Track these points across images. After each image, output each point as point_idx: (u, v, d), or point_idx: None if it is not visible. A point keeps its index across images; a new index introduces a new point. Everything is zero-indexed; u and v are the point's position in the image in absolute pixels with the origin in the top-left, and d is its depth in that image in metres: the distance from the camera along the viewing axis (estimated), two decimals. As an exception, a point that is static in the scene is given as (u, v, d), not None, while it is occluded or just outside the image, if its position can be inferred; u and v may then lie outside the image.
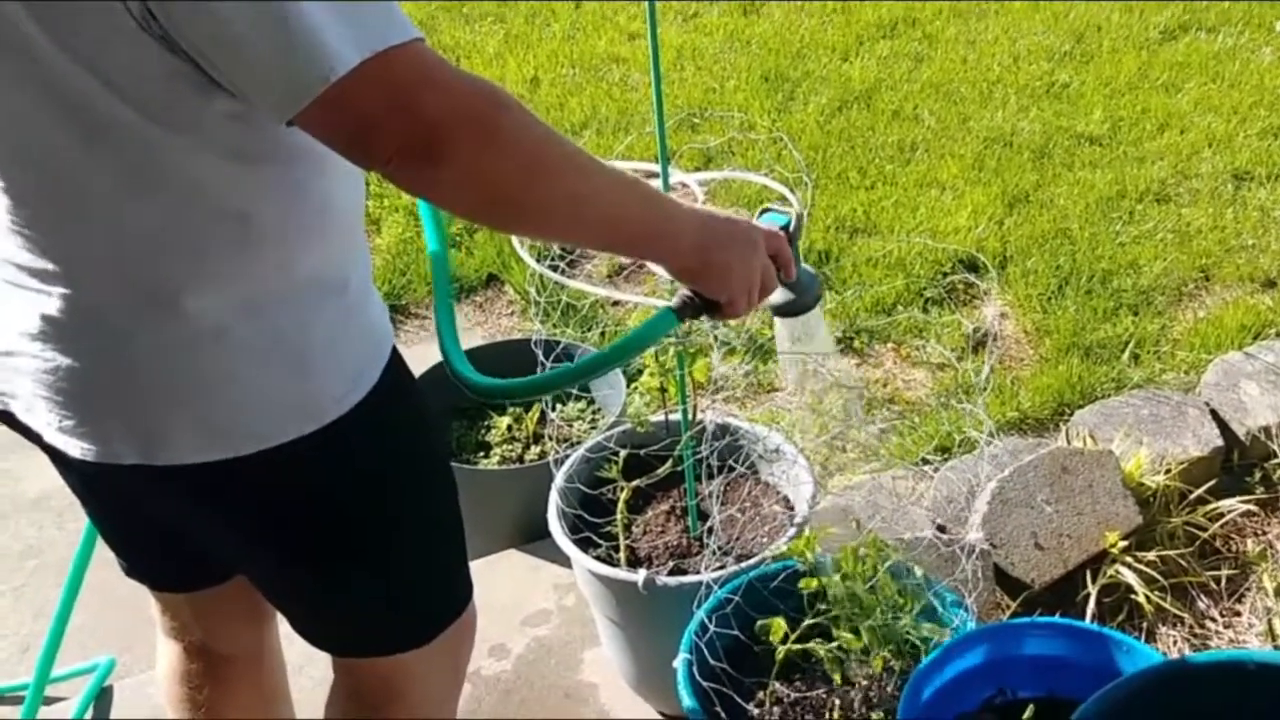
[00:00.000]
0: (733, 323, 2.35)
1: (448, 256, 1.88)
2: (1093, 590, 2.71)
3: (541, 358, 2.50)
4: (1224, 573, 2.81)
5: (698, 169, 4.57)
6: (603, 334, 3.57)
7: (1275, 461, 2.98)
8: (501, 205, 1.32)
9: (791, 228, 1.72)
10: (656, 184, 2.27)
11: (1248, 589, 2.80)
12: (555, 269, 2.29)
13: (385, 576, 1.71)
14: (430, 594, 1.82)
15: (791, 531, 2.42)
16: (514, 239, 2.26)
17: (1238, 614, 2.77)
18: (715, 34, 6.00)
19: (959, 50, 5.69)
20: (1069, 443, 3.13)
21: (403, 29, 1.20)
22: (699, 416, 2.56)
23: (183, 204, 1.33)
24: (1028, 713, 1.95)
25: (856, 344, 3.77)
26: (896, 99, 5.25)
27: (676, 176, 2.39)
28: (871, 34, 5.90)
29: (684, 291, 1.61)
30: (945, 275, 4.00)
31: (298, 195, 1.39)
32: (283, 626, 1.91)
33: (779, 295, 1.76)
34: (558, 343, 2.76)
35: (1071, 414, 3.30)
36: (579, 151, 1.37)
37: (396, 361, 1.63)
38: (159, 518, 1.68)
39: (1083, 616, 2.67)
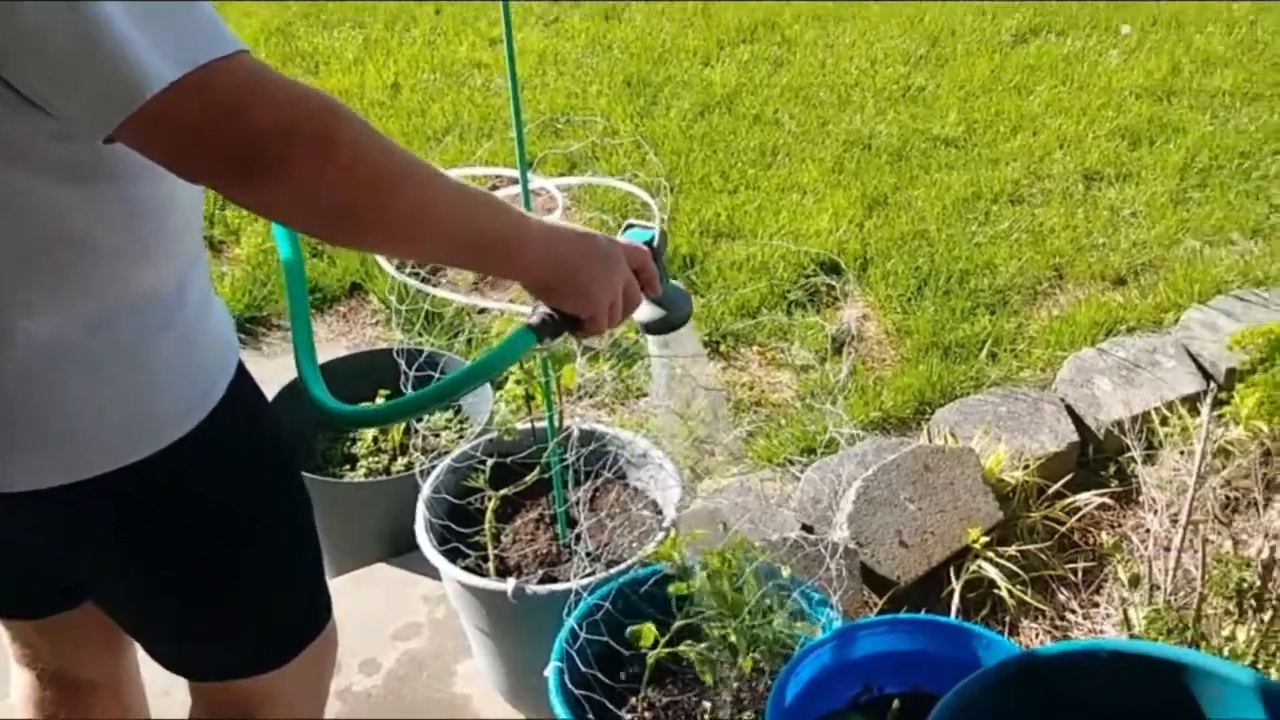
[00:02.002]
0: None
1: (304, 274, 1.83)
2: (957, 586, 2.76)
3: (404, 367, 2.47)
4: (1081, 565, 2.88)
5: (561, 174, 4.56)
6: (469, 341, 3.55)
7: (1128, 455, 3.05)
8: (342, 219, 1.27)
9: (655, 243, 1.67)
10: (517, 189, 2.25)
11: (1104, 580, 2.87)
12: (417, 276, 2.27)
13: (238, 598, 1.67)
14: (286, 614, 1.78)
15: (660, 536, 2.43)
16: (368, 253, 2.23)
17: (1096, 605, 2.84)
18: (577, 39, 6.01)
19: (817, 54, 5.77)
20: (930, 441, 3.18)
21: (224, 42, 1.15)
22: (566, 423, 2.55)
23: (13, 227, 1.29)
24: (893, 708, 1.98)
25: (722, 348, 3.80)
26: (757, 103, 5.30)
27: (537, 182, 2.39)
28: (732, 38, 5.95)
29: (543, 308, 1.55)
30: (808, 278, 4.04)
31: (133, 211, 1.35)
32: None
33: (648, 312, 1.72)
34: (420, 351, 2.73)
35: (933, 412, 3.36)
36: (421, 163, 1.33)
37: (242, 377, 1.60)
38: (2, 543, 1.63)
39: (948, 612, 2.71)
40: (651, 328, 1.76)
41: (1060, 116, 5.14)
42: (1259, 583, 2.43)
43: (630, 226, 1.71)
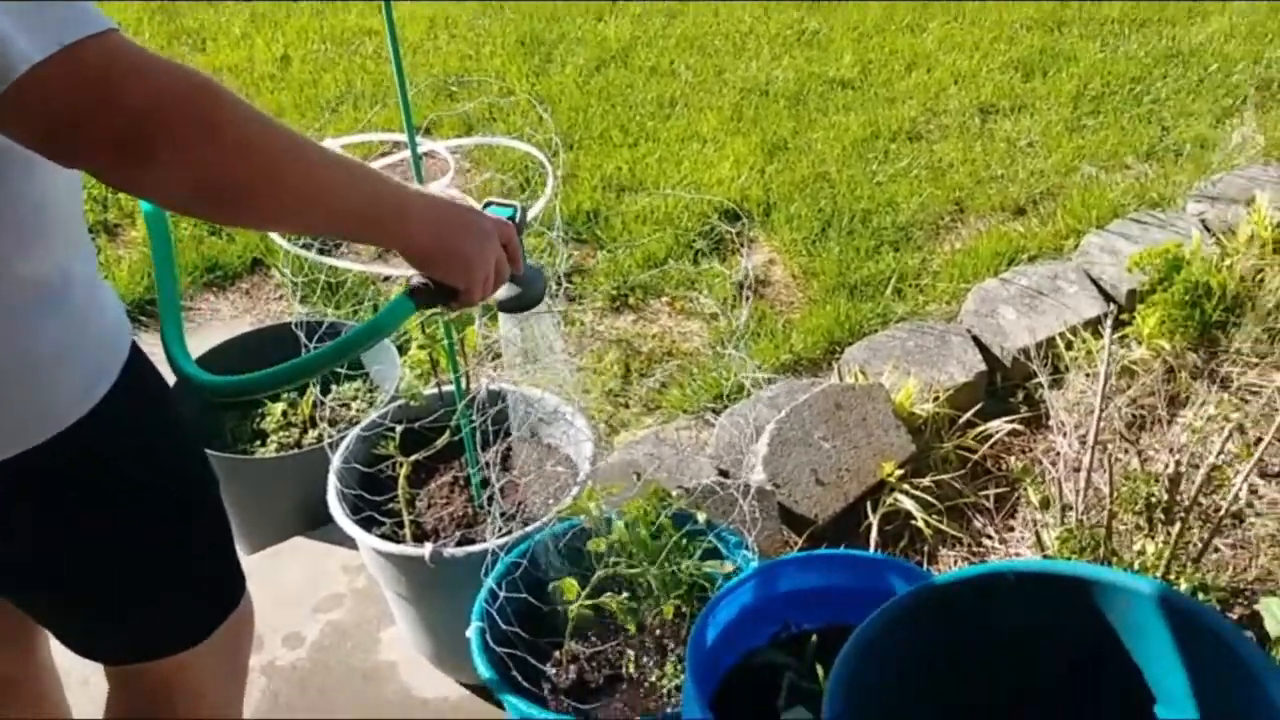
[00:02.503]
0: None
1: (168, 228, 1.79)
2: (874, 520, 2.78)
3: (304, 339, 2.44)
4: (994, 491, 2.92)
5: (458, 137, 4.52)
6: (375, 308, 3.51)
7: (1035, 381, 3.09)
8: (219, 196, 1.25)
9: (517, 219, 1.68)
10: (407, 154, 2.23)
11: (1018, 504, 2.91)
12: (312, 248, 2.24)
13: (147, 579, 1.65)
14: (198, 592, 1.76)
15: (575, 490, 2.42)
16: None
17: (1011, 529, 2.88)
18: (467, 2, 5.94)
19: (710, 3, 5.76)
20: (841, 379, 3.20)
21: (92, 20, 1.12)
22: (473, 385, 2.53)
23: None
24: (812, 642, 1.99)
25: (631, 300, 3.79)
26: (653, 55, 5.29)
27: (427, 145, 2.36)
28: (624, -8, 5.92)
29: (419, 278, 1.57)
30: (712, 226, 4.04)
31: (8, 197, 1.32)
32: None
33: (504, 291, 1.72)
34: (320, 323, 2.69)
35: (842, 351, 3.38)
36: (300, 136, 1.31)
37: (136, 358, 1.57)
38: None
39: (867, 546, 2.74)
40: (507, 306, 1.76)
41: (954, 52, 5.18)
42: (1166, 496, 2.48)
43: (490, 204, 1.70)
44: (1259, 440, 2.55)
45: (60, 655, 1.93)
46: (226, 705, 1.91)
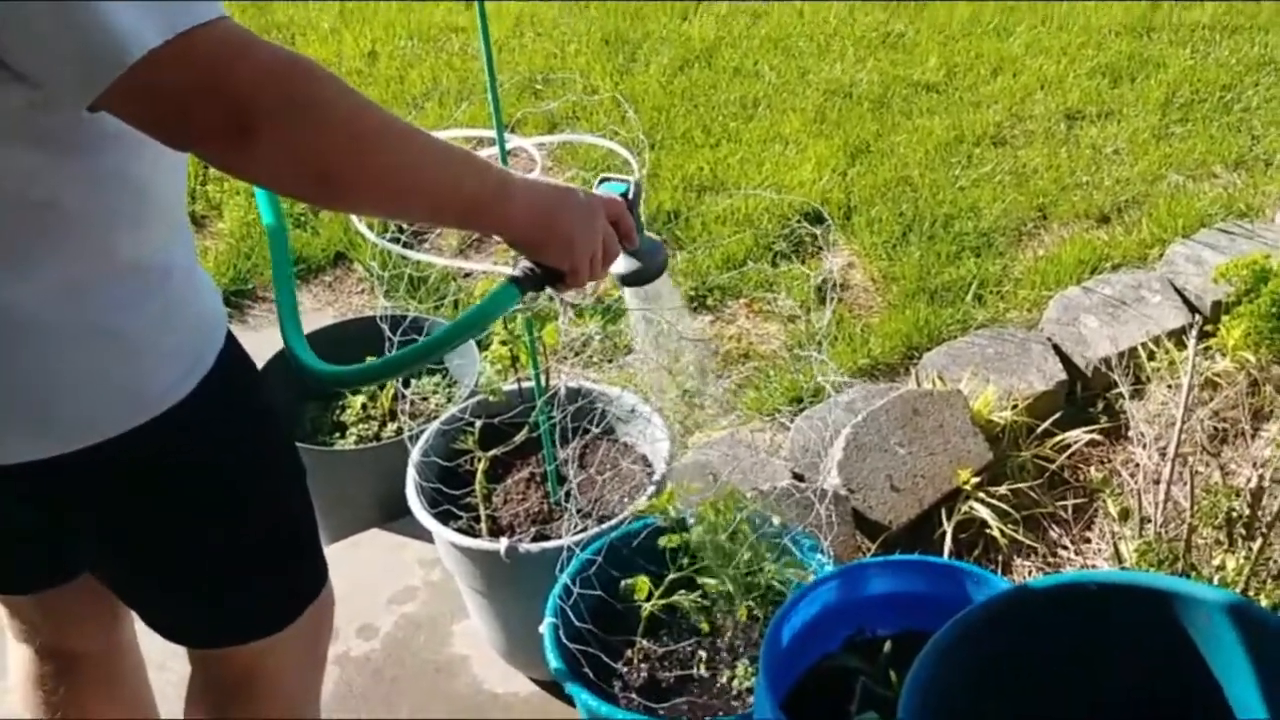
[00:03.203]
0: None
1: (287, 239, 1.83)
2: (948, 527, 2.77)
3: (388, 333, 2.47)
4: (1071, 502, 2.89)
5: (543, 134, 4.55)
6: (455, 304, 3.55)
7: (1116, 391, 3.06)
8: (324, 179, 1.28)
9: (630, 194, 1.69)
10: (494, 150, 2.25)
11: (1095, 515, 2.88)
12: (399, 242, 2.27)
13: (235, 565, 1.68)
14: (284, 579, 1.80)
15: (650, 490, 2.43)
16: (353, 215, 2.22)
17: (1088, 540, 2.86)
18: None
19: (795, 4, 5.75)
20: (919, 385, 3.19)
21: (206, 8, 1.17)
22: (553, 382, 2.56)
23: None
24: (886, 649, 1.99)
25: (709, 301, 3.79)
26: (737, 56, 5.28)
27: (514, 142, 2.38)
28: (709, -8, 5.92)
29: (525, 263, 1.57)
30: (792, 228, 4.04)
31: (112, 182, 1.35)
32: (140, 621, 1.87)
33: (624, 264, 1.73)
34: (404, 317, 2.73)
35: (920, 357, 3.37)
36: (400, 120, 1.34)
37: (232, 347, 1.60)
38: None
39: (940, 554, 2.73)
40: (628, 280, 1.77)
41: (1040, 57, 5.12)
42: (1248, 511, 2.45)
43: (605, 180, 1.71)
44: (1345, 457, 2.51)
45: (143, 637, 1.98)
46: (304, 694, 1.94)
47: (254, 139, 1.19)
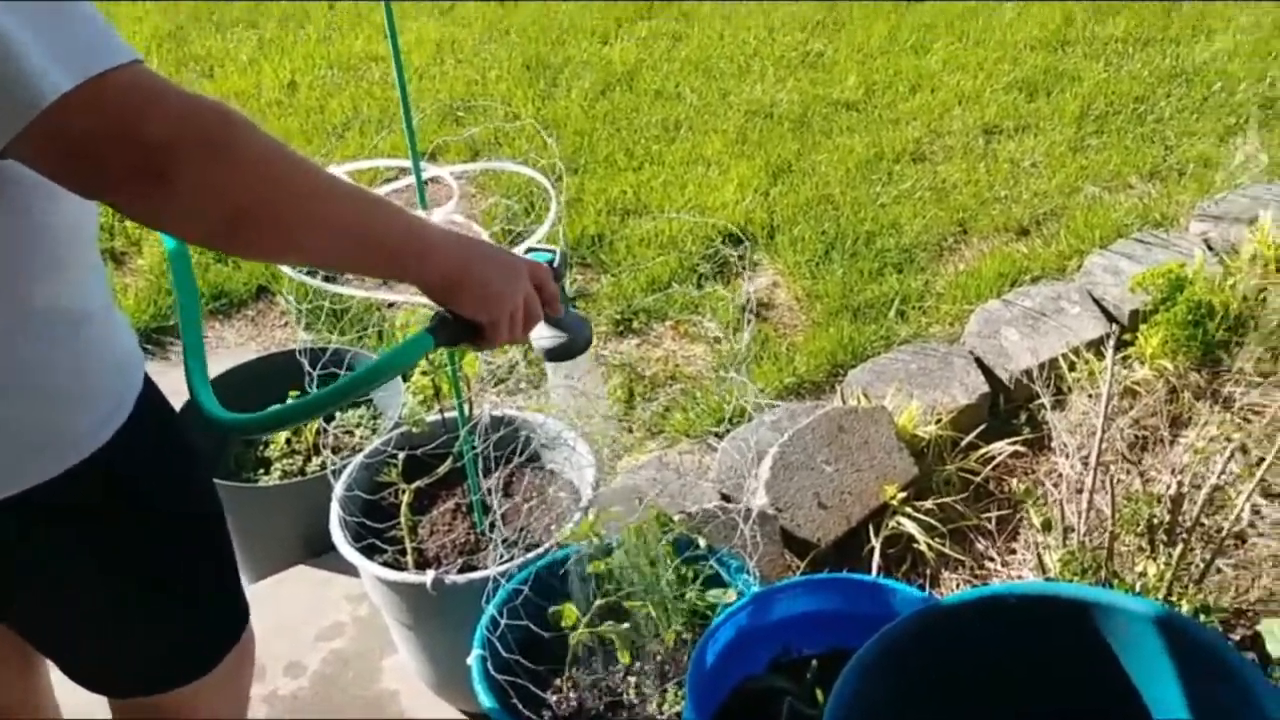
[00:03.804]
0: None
1: (196, 294, 1.80)
2: (876, 543, 2.79)
3: (308, 367, 2.45)
4: (996, 513, 2.91)
5: (464, 162, 4.55)
6: (379, 335, 3.53)
7: (1038, 402, 3.09)
8: (239, 225, 1.24)
9: (555, 263, 1.66)
10: (411, 179, 2.24)
11: (1020, 526, 2.91)
12: (314, 274, 2.25)
13: (158, 609, 1.66)
14: (205, 622, 1.77)
15: (577, 516, 2.43)
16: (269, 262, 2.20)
17: (1013, 551, 2.88)
18: (473, 25, 5.99)
19: (715, 26, 5.79)
20: (844, 402, 3.21)
21: (118, 51, 1.14)
22: (476, 410, 2.54)
23: None
24: (812, 667, 2.00)
25: (635, 324, 3.80)
26: (658, 79, 5.31)
27: (432, 170, 2.37)
28: (629, 15, 5.95)
29: (442, 312, 1.53)
30: (716, 249, 4.06)
31: (26, 229, 1.32)
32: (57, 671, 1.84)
33: (550, 339, 1.70)
34: (324, 350, 2.71)
35: (845, 374, 3.38)
36: (315, 165, 1.32)
37: (150, 390, 1.58)
38: None
39: (868, 570, 2.74)
40: (553, 354, 1.73)
41: (958, 73, 5.19)
42: (1168, 518, 2.48)
43: (531, 250, 1.69)
44: (1261, 460, 2.54)
45: (61, 688, 1.94)
46: None
47: (169, 185, 1.16)
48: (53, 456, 1.43)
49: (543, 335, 1.68)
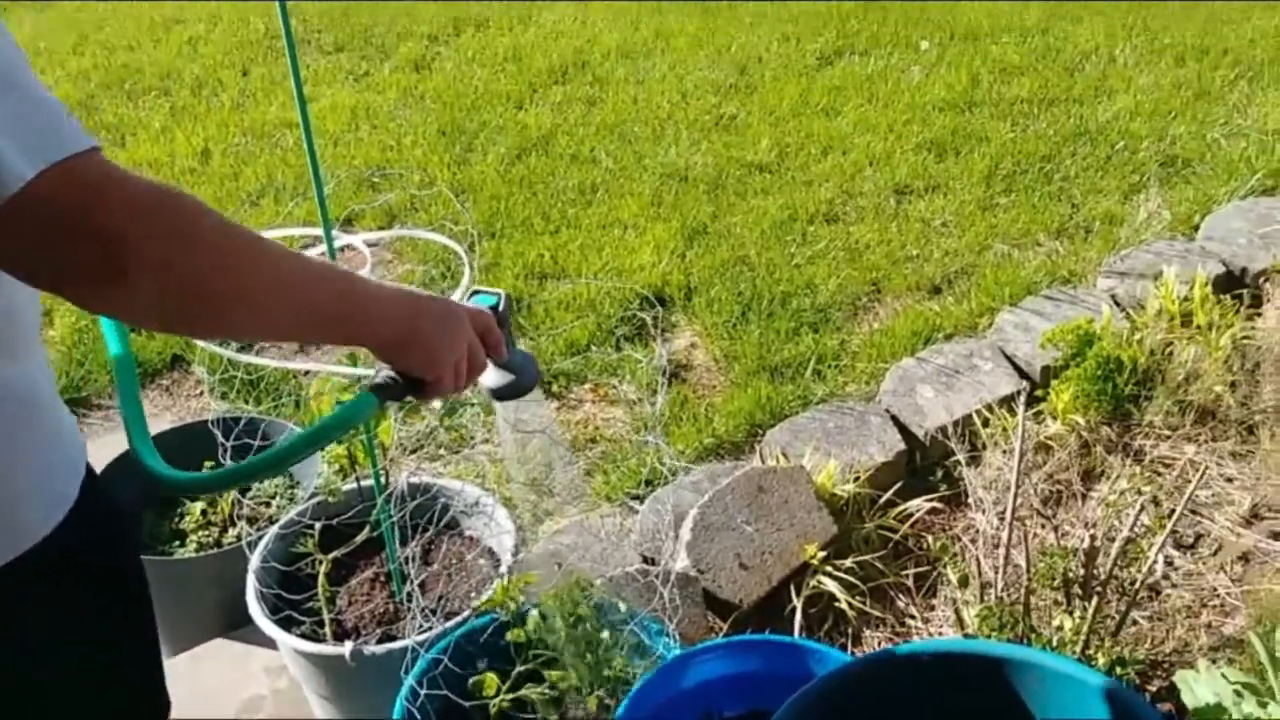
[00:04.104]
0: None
1: (131, 355, 1.78)
2: (798, 603, 2.79)
3: (220, 437, 2.43)
4: (914, 570, 2.93)
5: (380, 228, 4.54)
6: (297, 403, 3.50)
7: (953, 459, 3.13)
8: (198, 307, 1.23)
9: (500, 307, 1.67)
10: (322, 248, 2.23)
11: (938, 582, 2.93)
12: (226, 345, 2.23)
13: (96, 700, 1.63)
14: (139, 709, 1.74)
15: (496, 583, 2.41)
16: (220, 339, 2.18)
17: (933, 608, 2.90)
18: (388, 91, 5.99)
19: (629, 90, 5.84)
20: (763, 462, 3.22)
21: (79, 138, 1.12)
22: (392, 478, 2.53)
23: None
24: (734, 731, 2.00)
25: (555, 387, 3.80)
26: (574, 143, 5.34)
27: (343, 238, 2.37)
28: (544, 81, 5.99)
29: (385, 371, 1.52)
30: (634, 312, 4.07)
31: None
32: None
33: (496, 378, 1.71)
34: (238, 419, 2.68)
35: (764, 434, 3.40)
36: (267, 241, 1.29)
37: (89, 473, 1.55)
38: None
39: (791, 630, 2.74)
40: (500, 394, 1.74)
41: (868, 134, 5.27)
42: (1082, 571, 2.51)
43: (476, 292, 1.70)
44: (1172, 512, 2.59)
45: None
46: None
47: (129, 276, 1.14)
48: (7, 543, 1.38)
49: (489, 377, 1.70)
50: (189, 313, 1.24)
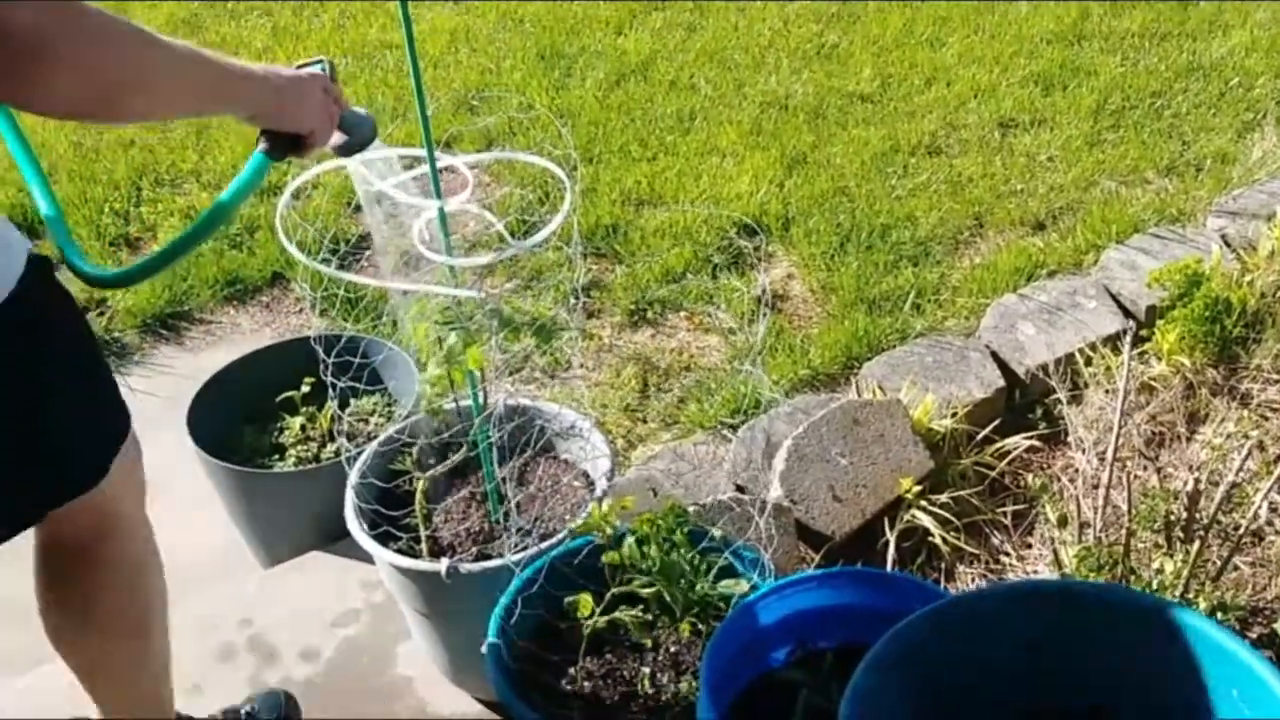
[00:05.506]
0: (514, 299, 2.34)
1: (34, 154, 1.93)
2: (891, 537, 2.78)
3: (322, 355, 2.45)
4: (1012, 508, 2.90)
5: (478, 151, 4.54)
6: (394, 323, 3.52)
7: (1054, 397, 3.08)
8: (116, 92, 1.43)
9: (327, 70, 1.89)
10: (426, 169, 2.24)
11: (1035, 521, 2.90)
12: (328, 264, 2.24)
13: (61, 410, 1.80)
14: (113, 409, 1.95)
15: (592, 506, 2.42)
16: (281, 237, 2.21)
17: (1029, 546, 2.87)
18: (488, 15, 5.97)
19: (730, 17, 5.76)
20: (859, 395, 3.20)
21: None
22: (491, 400, 2.54)
23: None
24: (827, 661, 1.99)
25: (650, 314, 3.79)
26: (673, 69, 5.29)
27: (445, 160, 2.36)
28: (644, 6, 5.94)
29: (266, 136, 1.80)
30: (731, 241, 4.05)
31: None
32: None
33: (338, 138, 1.92)
34: (339, 337, 2.70)
35: (860, 367, 3.37)
36: (153, 32, 1.48)
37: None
38: None
39: (883, 563, 2.73)
40: (342, 149, 1.96)
41: (973, 66, 5.17)
42: (1185, 514, 2.47)
43: (303, 65, 1.89)
44: (1279, 458, 2.53)
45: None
46: (143, 513, 2.13)
47: (46, 68, 1.32)
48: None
49: (335, 137, 1.92)
50: (103, 103, 1.44)
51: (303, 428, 3.08)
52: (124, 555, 2.09)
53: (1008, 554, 2.84)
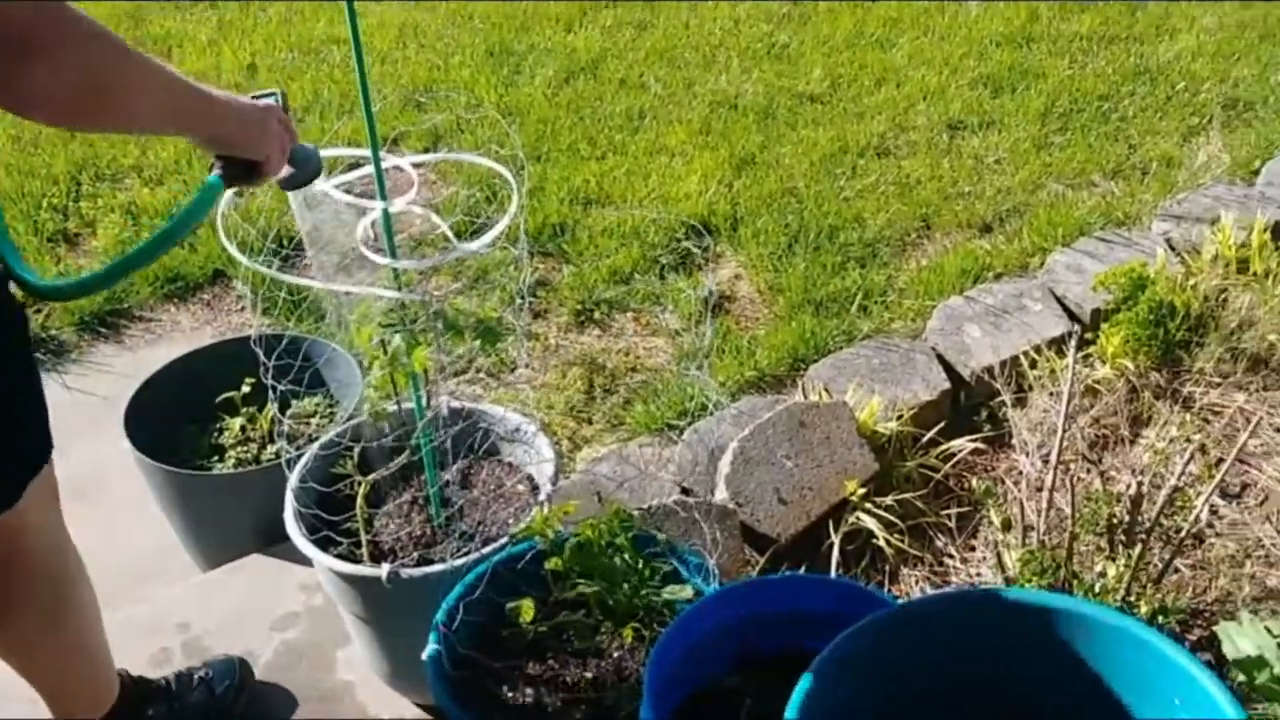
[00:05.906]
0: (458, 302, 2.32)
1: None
2: (836, 539, 2.77)
3: (262, 356, 2.41)
4: (956, 511, 2.91)
5: (426, 150, 4.50)
6: (339, 322, 3.48)
7: (999, 400, 3.09)
8: (100, 94, 1.47)
9: (280, 101, 1.92)
10: (370, 169, 2.21)
11: (979, 524, 2.90)
12: (270, 264, 2.21)
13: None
14: (34, 440, 1.91)
15: (535, 511, 2.40)
16: (222, 237, 2.18)
17: (973, 549, 2.87)
18: (437, 10, 5.94)
19: (681, 16, 5.76)
20: (805, 397, 3.19)
21: None
22: (434, 402, 2.51)
23: None
24: (771, 667, 1.98)
25: (596, 315, 3.77)
26: (623, 68, 5.27)
27: (390, 160, 2.33)
28: (595, 4, 5.92)
29: (220, 163, 1.80)
30: (679, 241, 4.03)
31: None
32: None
33: (286, 170, 1.94)
34: (281, 337, 2.67)
35: (806, 368, 3.37)
36: (129, 46, 1.52)
37: None
38: None
39: (828, 566, 2.73)
40: (287, 183, 1.99)
41: (923, 68, 5.18)
42: (1127, 517, 2.48)
43: (257, 96, 1.91)
44: (1220, 461, 2.55)
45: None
46: (65, 536, 2.11)
47: (34, 65, 1.34)
48: None
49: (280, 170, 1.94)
50: (88, 100, 1.46)
51: (243, 429, 3.04)
52: (38, 568, 2.07)
53: (951, 557, 2.85)
